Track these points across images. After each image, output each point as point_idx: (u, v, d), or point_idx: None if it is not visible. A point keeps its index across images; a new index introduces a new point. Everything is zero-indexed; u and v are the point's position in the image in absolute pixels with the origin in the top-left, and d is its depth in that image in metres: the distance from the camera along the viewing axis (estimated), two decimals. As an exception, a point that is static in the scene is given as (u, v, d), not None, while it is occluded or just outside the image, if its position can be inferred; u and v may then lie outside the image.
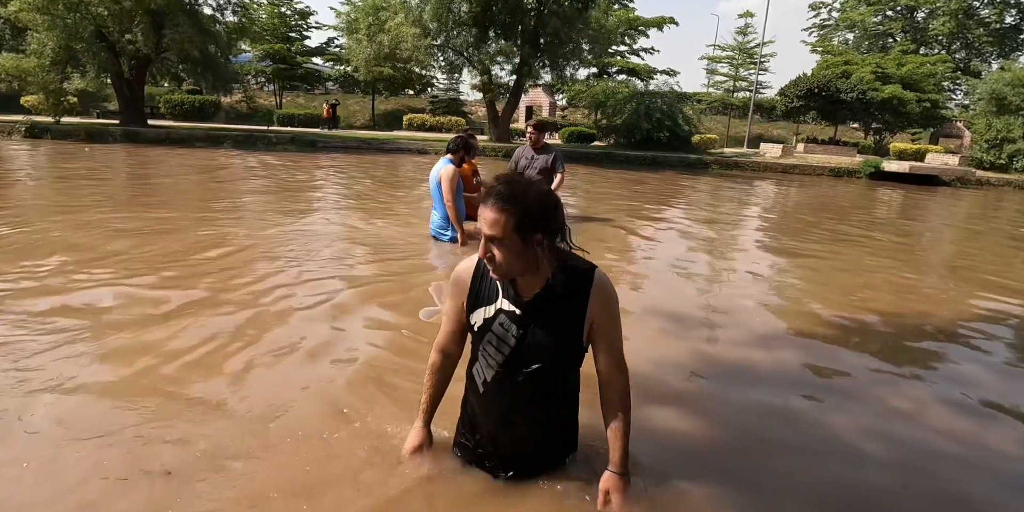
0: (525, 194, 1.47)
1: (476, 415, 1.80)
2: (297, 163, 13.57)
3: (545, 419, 1.76)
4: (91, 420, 2.10)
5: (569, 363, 1.70)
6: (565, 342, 1.62)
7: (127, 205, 6.85)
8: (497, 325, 1.62)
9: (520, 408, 1.70)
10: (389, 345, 2.95)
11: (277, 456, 1.93)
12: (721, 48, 42.32)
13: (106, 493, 1.72)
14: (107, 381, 2.41)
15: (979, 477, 2.10)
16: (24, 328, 2.90)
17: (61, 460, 1.86)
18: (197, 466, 1.85)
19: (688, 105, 25.22)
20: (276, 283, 3.87)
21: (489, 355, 1.66)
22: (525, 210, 1.46)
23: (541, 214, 1.49)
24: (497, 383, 1.68)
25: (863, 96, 25.99)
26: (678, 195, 11.82)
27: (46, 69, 17.29)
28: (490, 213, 1.47)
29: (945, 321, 3.97)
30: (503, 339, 1.62)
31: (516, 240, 1.47)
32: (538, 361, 1.62)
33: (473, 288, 1.68)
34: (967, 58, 40.54)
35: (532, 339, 1.59)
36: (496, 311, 1.63)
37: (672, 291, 4.33)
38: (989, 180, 20.33)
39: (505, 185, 1.48)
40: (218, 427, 2.10)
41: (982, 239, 8.44)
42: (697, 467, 2.01)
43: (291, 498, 1.73)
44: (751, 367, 2.94)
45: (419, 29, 18.15)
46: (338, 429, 2.10)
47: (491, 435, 1.77)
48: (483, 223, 1.49)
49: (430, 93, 37.60)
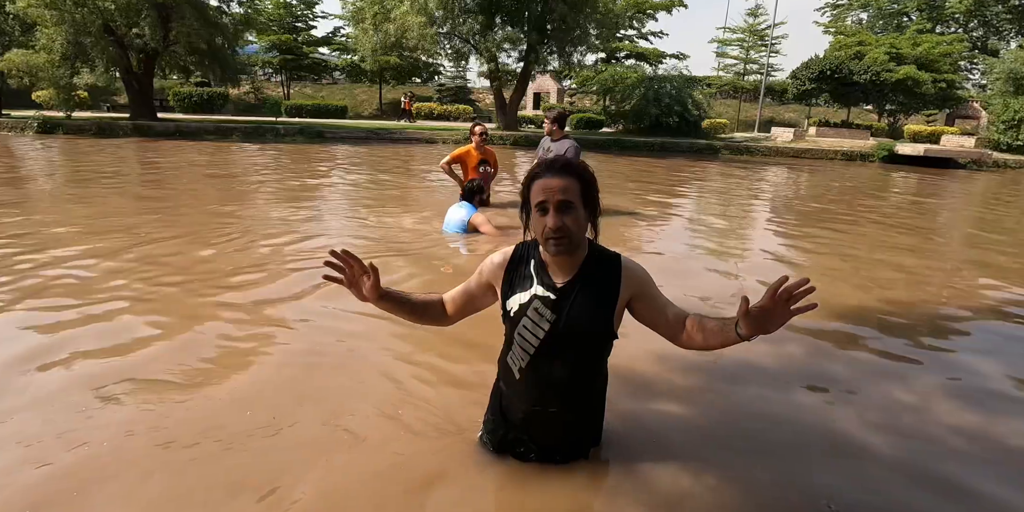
0: (581, 166, 1.60)
1: (511, 401, 1.84)
2: (307, 155, 13.63)
3: (577, 403, 1.80)
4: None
5: (600, 349, 1.75)
6: (599, 324, 1.66)
7: (134, 201, 6.94)
8: (532, 310, 1.66)
9: (555, 391, 1.74)
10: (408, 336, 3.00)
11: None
12: (731, 30, 41.54)
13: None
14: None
15: (985, 471, 2.12)
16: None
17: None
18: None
19: (698, 89, 24.88)
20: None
21: (525, 340, 1.69)
22: (587, 179, 1.59)
23: (596, 186, 1.62)
24: (533, 369, 1.72)
25: (877, 77, 25.52)
26: (686, 182, 11.74)
27: (56, 64, 17.40)
28: (558, 181, 1.53)
29: (957, 311, 3.96)
30: (538, 323, 1.66)
31: (582, 207, 1.56)
32: (572, 344, 1.67)
33: (508, 276, 1.73)
34: (984, 36, 39.53)
35: (566, 322, 1.63)
36: (531, 297, 1.66)
37: (676, 280, 4.33)
38: (1006, 162, 19.95)
39: (558, 159, 1.60)
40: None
41: (999, 225, 8.33)
42: (699, 462, 2.04)
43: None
44: (755, 359, 2.95)
45: (425, 17, 18.01)
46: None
47: (525, 419, 1.82)
48: (552, 191, 1.53)
49: (437, 81, 37.42)
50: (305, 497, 1.77)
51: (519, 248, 1.75)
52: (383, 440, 2.08)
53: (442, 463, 1.95)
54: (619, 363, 2.81)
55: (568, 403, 1.77)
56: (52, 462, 1.89)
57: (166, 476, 1.85)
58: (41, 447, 1.97)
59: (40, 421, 2.13)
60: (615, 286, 1.65)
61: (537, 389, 1.75)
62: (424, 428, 2.15)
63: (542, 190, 1.54)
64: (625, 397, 2.44)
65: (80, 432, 2.06)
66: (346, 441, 2.06)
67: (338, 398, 2.37)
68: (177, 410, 2.24)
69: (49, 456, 1.92)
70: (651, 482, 1.90)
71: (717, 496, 1.87)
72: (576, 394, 1.77)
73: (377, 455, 2.00)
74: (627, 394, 2.48)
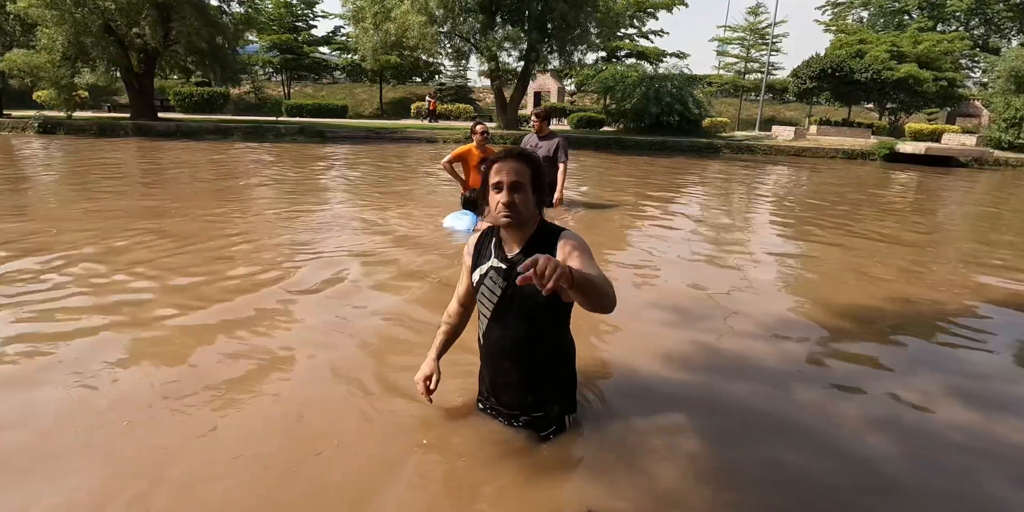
0: (533, 156, 1.84)
1: (481, 367, 2.09)
2: (307, 153, 13.63)
3: (528, 361, 1.94)
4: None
5: (550, 313, 1.88)
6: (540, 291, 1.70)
7: (135, 199, 6.95)
8: (488, 279, 1.89)
9: (508, 352, 1.93)
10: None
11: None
12: (732, 29, 41.54)
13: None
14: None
15: (985, 468, 2.12)
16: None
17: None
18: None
19: (698, 88, 24.79)
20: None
21: (484, 305, 1.93)
22: (537, 167, 1.83)
23: (544, 173, 1.86)
24: (489, 332, 1.94)
25: (878, 76, 25.51)
26: (686, 182, 11.73)
27: (57, 64, 17.44)
28: (514, 164, 1.77)
29: (957, 309, 3.95)
30: (492, 291, 1.88)
31: (530, 189, 1.79)
32: (520, 308, 1.85)
33: (475, 253, 1.97)
34: (986, 34, 39.46)
35: (514, 290, 1.81)
36: (488, 268, 1.89)
37: (675, 280, 4.33)
38: (1008, 160, 19.90)
39: (515, 149, 1.84)
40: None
41: (1000, 222, 8.32)
42: (698, 461, 2.04)
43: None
44: (755, 358, 2.95)
45: (425, 17, 18.01)
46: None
47: (491, 381, 2.06)
48: (506, 173, 1.76)
49: (437, 81, 37.41)
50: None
51: (486, 231, 1.98)
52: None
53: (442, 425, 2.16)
54: (615, 359, 2.83)
55: (518, 361, 1.94)
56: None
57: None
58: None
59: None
60: (552, 250, 1.79)
61: (494, 350, 1.96)
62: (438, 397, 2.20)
63: (497, 171, 1.77)
64: (620, 392, 2.45)
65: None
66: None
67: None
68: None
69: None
70: (642, 474, 1.90)
71: (710, 489, 1.87)
72: (527, 354, 1.92)
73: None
74: (622, 390, 2.48)
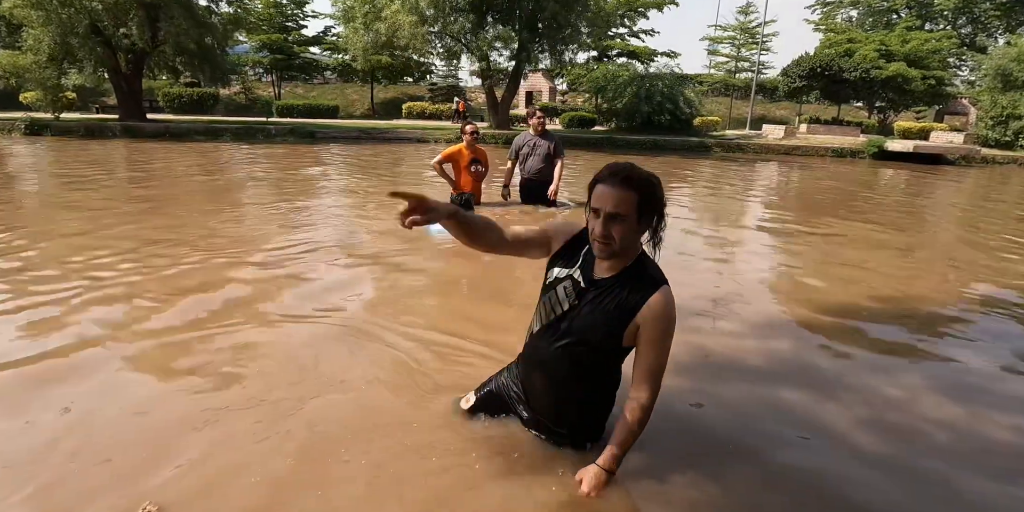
0: (649, 178, 1.59)
1: (523, 355, 1.95)
2: (298, 155, 13.56)
3: (563, 394, 1.83)
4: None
5: (601, 352, 1.73)
6: (602, 332, 1.67)
7: (128, 202, 6.88)
8: (561, 287, 1.73)
9: (545, 367, 1.81)
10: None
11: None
12: (722, 28, 41.67)
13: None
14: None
15: (969, 467, 2.12)
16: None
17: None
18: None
19: (689, 87, 24.90)
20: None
21: (545, 309, 1.78)
22: (648, 192, 1.57)
23: (660, 199, 1.61)
24: (539, 337, 1.80)
25: (867, 74, 25.72)
26: (678, 180, 11.76)
27: (43, 65, 17.23)
28: (618, 191, 1.54)
29: (943, 306, 3.98)
30: (560, 302, 1.74)
31: (635, 219, 1.57)
32: (574, 336, 1.71)
33: (565, 248, 1.77)
34: (973, 33, 39.83)
35: (578, 314, 1.69)
36: (567, 275, 1.73)
37: (669, 275, 4.33)
38: (995, 158, 20.14)
39: (627, 167, 1.58)
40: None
41: (986, 220, 8.40)
42: (682, 460, 2.03)
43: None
44: (743, 356, 2.96)
45: (416, 16, 17.95)
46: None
47: (524, 385, 1.97)
48: (606, 201, 1.55)
49: (429, 80, 37.33)
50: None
51: (585, 231, 1.70)
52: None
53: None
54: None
55: (549, 383, 1.83)
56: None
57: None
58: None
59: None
60: (632, 310, 1.63)
61: (536, 357, 1.84)
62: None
63: (598, 197, 1.57)
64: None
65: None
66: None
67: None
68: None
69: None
70: (627, 475, 1.90)
71: (695, 490, 1.87)
72: (563, 387, 1.81)
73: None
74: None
